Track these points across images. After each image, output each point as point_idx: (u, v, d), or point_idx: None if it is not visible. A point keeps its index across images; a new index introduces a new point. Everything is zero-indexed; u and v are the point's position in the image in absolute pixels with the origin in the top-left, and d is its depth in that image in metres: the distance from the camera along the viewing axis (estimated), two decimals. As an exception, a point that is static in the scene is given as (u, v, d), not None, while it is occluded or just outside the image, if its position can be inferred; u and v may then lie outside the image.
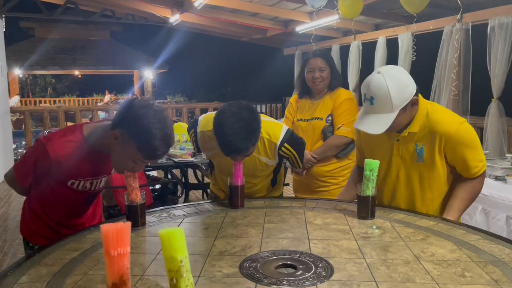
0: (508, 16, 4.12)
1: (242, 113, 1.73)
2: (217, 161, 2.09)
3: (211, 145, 1.96)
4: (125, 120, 1.50)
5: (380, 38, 6.18)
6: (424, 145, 1.72)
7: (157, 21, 9.49)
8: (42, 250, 1.38)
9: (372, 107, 1.62)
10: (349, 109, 2.53)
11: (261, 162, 2.01)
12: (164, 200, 3.73)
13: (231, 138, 1.69)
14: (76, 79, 23.08)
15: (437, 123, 1.69)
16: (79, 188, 1.65)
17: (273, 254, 1.33)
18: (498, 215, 2.59)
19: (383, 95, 1.59)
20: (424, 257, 1.30)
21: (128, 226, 0.84)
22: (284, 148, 1.96)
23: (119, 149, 1.52)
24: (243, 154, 1.76)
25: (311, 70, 2.57)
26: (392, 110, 1.61)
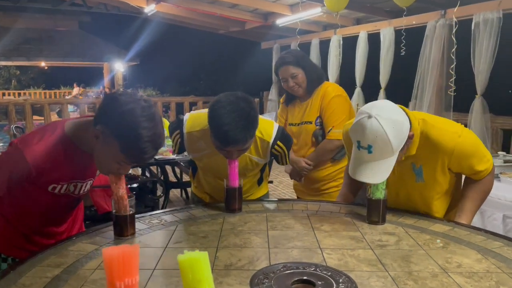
0: (493, 11, 4.11)
1: (239, 103, 1.60)
2: (204, 163, 1.93)
3: (199, 146, 1.82)
4: (108, 117, 1.31)
5: (361, 33, 6.11)
6: (423, 165, 1.61)
7: (130, 11, 9.15)
8: (18, 266, 1.19)
9: (371, 156, 1.45)
10: (338, 108, 2.33)
11: (252, 162, 1.87)
12: (143, 200, 3.53)
13: (228, 128, 1.55)
14: (42, 70, 22.21)
15: (436, 142, 1.55)
16: (61, 192, 1.45)
17: (285, 267, 1.19)
18: (494, 214, 2.54)
19: (382, 142, 1.42)
20: (451, 269, 1.18)
21: (136, 250, 0.68)
22: (277, 146, 1.84)
23: (101, 149, 1.34)
24: (241, 146, 1.62)
25: (284, 80, 2.37)
26: (393, 153, 1.46)
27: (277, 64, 2.42)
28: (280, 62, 2.39)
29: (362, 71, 6.22)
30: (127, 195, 1.42)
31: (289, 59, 2.36)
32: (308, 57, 2.49)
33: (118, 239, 1.39)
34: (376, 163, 1.47)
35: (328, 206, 1.77)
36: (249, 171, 1.92)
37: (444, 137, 1.56)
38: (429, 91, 4.79)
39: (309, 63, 2.42)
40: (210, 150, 1.77)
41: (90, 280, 1.12)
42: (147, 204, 3.50)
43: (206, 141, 1.76)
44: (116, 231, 1.40)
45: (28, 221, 1.51)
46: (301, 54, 2.44)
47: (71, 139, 1.39)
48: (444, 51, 4.69)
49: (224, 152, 1.67)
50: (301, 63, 2.35)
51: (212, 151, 1.75)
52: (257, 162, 1.88)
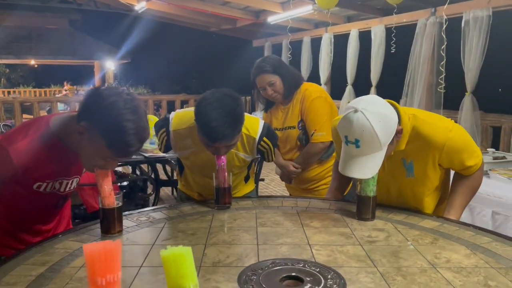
0: (482, 9, 4.13)
1: (225, 100, 1.60)
2: (191, 161, 1.91)
3: (186, 143, 1.81)
4: (91, 112, 1.29)
5: (352, 31, 6.12)
6: (413, 160, 1.60)
7: (121, 8, 9.08)
8: (2, 265, 1.17)
9: (358, 150, 1.44)
10: (319, 111, 2.31)
11: (239, 158, 1.87)
12: (133, 198, 3.50)
13: (216, 124, 1.56)
14: (32, 68, 21.97)
15: (427, 137, 1.54)
16: (46, 190, 1.42)
17: (274, 264, 1.18)
18: (483, 211, 2.56)
19: (369, 136, 1.40)
20: (440, 264, 1.18)
21: (118, 245, 0.66)
22: (263, 142, 1.85)
23: (86, 146, 1.31)
24: (228, 141, 1.62)
25: (262, 89, 2.34)
26: (381, 148, 1.44)
27: (254, 73, 2.36)
28: (257, 71, 2.34)
29: (353, 69, 6.23)
30: (114, 191, 1.40)
31: (265, 67, 2.31)
32: (284, 62, 2.46)
33: (105, 236, 1.37)
34: (364, 158, 1.46)
35: (318, 203, 1.77)
36: (236, 168, 1.91)
37: (435, 132, 1.55)
38: (419, 88, 4.81)
39: (285, 69, 2.37)
40: (197, 147, 1.76)
41: (75, 278, 1.10)
42: (138, 202, 3.47)
43: (193, 139, 1.75)
44: (103, 229, 1.38)
45: (14, 219, 1.49)
46: (277, 61, 2.38)
47: (56, 136, 1.37)
48: (434, 49, 4.71)
49: (212, 148, 1.65)
50: (277, 71, 2.31)
51: (199, 148, 1.74)
52: (244, 159, 1.88)
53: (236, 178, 1.98)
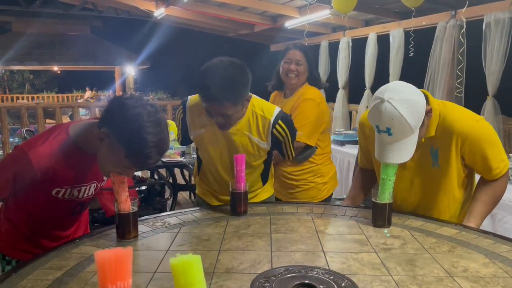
0: (504, 11, 4.04)
1: (229, 67, 1.64)
2: (206, 143, 1.87)
3: (202, 121, 1.82)
4: (114, 121, 1.30)
5: (370, 34, 6.07)
6: (439, 147, 1.59)
7: (140, 15, 9.22)
8: (20, 269, 1.20)
9: (391, 137, 1.47)
10: (306, 111, 2.32)
11: (253, 143, 1.82)
12: (151, 202, 3.54)
13: (209, 83, 1.60)
14: (55, 74, 22.50)
15: (452, 123, 1.56)
16: (65, 197, 1.45)
17: (287, 271, 1.17)
18: (505, 218, 2.49)
19: (399, 123, 1.43)
20: (457, 273, 1.16)
21: (129, 252, 0.67)
22: (278, 126, 1.80)
23: (105, 152, 1.33)
24: (217, 105, 1.63)
25: (287, 61, 2.40)
26: (413, 131, 1.47)
27: (289, 45, 2.48)
28: (293, 45, 2.47)
29: (372, 73, 6.17)
30: (130, 197, 1.41)
31: (302, 47, 2.46)
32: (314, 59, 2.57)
33: (120, 241, 1.39)
34: (398, 144, 1.48)
35: (333, 209, 1.76)
36: (252, 157, 1.84)
37: (461, 119, 1.57)
38: (439, 92, 4.72)
39: (313, 65, 2.49)
40: (212, 126, 1.77)
41: (91, 283, 1.12)
42: (155, 206, 3.51)
43: (208, 117, 1.76)
44: (118, 234, 1.40)
45: (33, 225, 1.52)
46: (311, 53, 2.51)
47: (75, 142, 1.40)
48: (454, 52, 4.63)
49: (209, 113, 1.69)
50: (309, 58, 2.43)
51: (212, 127, 1.77)
52: (258, 145, 1.82)
53: (252, 173, 1.91)
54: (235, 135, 1.80)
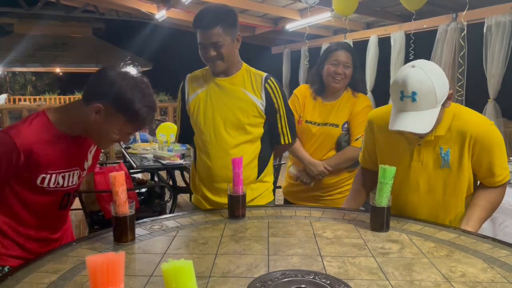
0: (505, 15, 4.04)
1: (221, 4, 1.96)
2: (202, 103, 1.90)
3: (198, 83, 1.93)
4: (107, 92, 1.37)
5: (372, 37, 6.07)
6: (451, 148, 1.58)
7: (142, 17, 9.24)
8: (16, 272, 1.19)
9: (414, 104, 1.42)
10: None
11: (248, 99, 1.85)
12: (151, 204, 3.54)
13: (202, 10, 1.80)
14: (57, 76, 22.53)
15: (467, 123, 1.55)
16: (50, 186, 1.43)
17: (284, 275, 1.17)
18: (505, 222, 2.48)
19: (427, 88, 1.41)
20: (454, 278, 1.15)
21: (121, 258, 0.67)
22: (270, 81, 1.89)
23: (102, 123, 1.40)
24: (208, 28, 1.74)
25: (334, 63, 2.27)
26: (436, 104, 1.43)
27: (334, 46, 2.34)
28: (338, 45, 2.35)
29: (373, 76, 6.17)
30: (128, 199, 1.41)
31: (349, 48, 2.35)
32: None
33: (117, 244, 1.39)
34: (417, 114, 1.43)
35: (332, 213, 1.75)
36: (246, 116, 1.85)
37: (476, 120, 1.57)
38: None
39: (359, 67, 2.37)
40: (205, 86, 1.90)
41: (87, 287, 1.11)
42: (155, 209, 3.50)
43: (205, 78, 1.92)
44: (115, 237, 1.40)
45: (22, 228, 1.49)
46: (356, 54, 2.39)
47: (54, 125, 1.42)
48: (455, 55, 4.62)
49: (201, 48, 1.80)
50: (355, 61, 2.33)
51: (207, 87, 1.90)
52: (253, 101, 1.85)
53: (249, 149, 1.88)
54: (229, 90, 1.86)
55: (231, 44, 1.81)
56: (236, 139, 1.87)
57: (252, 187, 1.92)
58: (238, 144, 1.87)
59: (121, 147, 4.64)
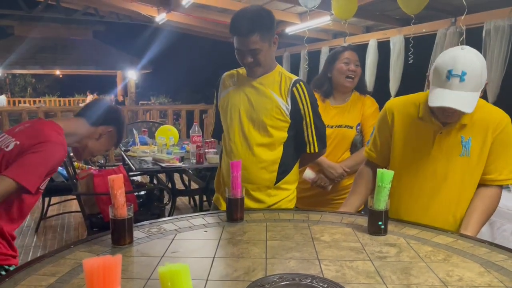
0: (503, 19, 4.05)
1: (255, 7, 1.85)
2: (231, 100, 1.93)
3: (230, 82, 1.98)
4: (112, 120, 1.82)
5: (371, 41, 6.08)
6: (472, 137, 1.59)
7: (142, 20, 9.26)
8: (14, 274, 1.19)
9: (461, 84, 1.43)
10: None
11: (273, 101, 1.85)
12: (149, 207, 3.54)
13: (236, 16, 1.79)
14: (57, 79, 22.57)
15: (490, 111, 1.59)
16: (42, 188, 1.62)
17: (281, 278, 1.17)
18: (504, 226, 2.49)
19: (476, 70, 1.44)
20: (451, 282, 1.15)
21: (118, 261, 0.67)
22: (299, 85, 1.86)
23: (102, 143, 1.81)
24: (244, 34, 1.74)
25: (346, 62, 2.30)
26: (479, 89, 1.47)
27: (341, 48, 2.40)
28: (348, 47, 2.41)
29: (372, 79, 6.18)
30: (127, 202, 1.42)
31: (357, 49, 2.41)
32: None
33: (115, 247, 1.39)
34: (464, 93, 1.44)
35: (330, 216, 1.75)
36: (269, 118, 1.84)
37: (498, 111, 1.61)
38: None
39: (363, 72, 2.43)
40: (237, 84, 1.94)
41: (84, 290, 1.11)
42: (154, 211, 3.50)
43: (238, 77, 1.96)
44: (113, 239, 1.40)
45: (12, 228, 1.62)
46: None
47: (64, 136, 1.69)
48: (454, 59, 4.63)
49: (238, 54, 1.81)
50: (361, 63, 2.38)
51: (238, 85, 1.93)
52: (278, 103, 1.84)
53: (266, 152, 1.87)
54: (258, 90, 1.87)
55: (268, 49, 1.82)
56: (257, 139, 1.87)
57: (270, 193, 1.92)
58: (259, 144, 1.87)
59: (121, 150, 4.64)
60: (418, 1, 3.36)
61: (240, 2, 6.16)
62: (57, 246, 3.82)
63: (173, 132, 4.57)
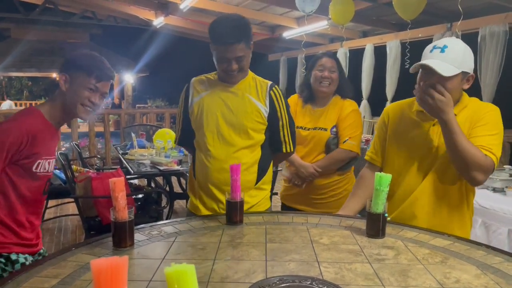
0: (499, 25, 4.10)
1: (233, 16, 1.86)
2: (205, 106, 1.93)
3: (201, 87, 1.97)
4: (68, 64, 1.69)
5: (367, 45, 6.13)
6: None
7: (139, 23, 9.28)
8: (16, 276, 1.20)
9: (441, 55, 1.58)
10: (356, 122, 2.42)
11: (252, 104, 1.90)
12: (147, 210, 3.54)
13: (218, 25, 1.81)
14: (54, 81, 22.49)
15: (480, 105, 1.69)
16: (41, 171, 1.64)
17: (281, 280, 1.18)
18: (499, 229, 2.51)
19: (457, 48, 1.58)
20: (448, 284, 1.17)
21: (125, 262, 0.68)
22: (275, 89, 1.95)
23: (72, 87, 1.65)
24: (230, 41, 1.76)
25: (320, 69, 2.42)
26: (459, 67, 1.57)
27: (319, 55, 2.52)
28: (325, 54, 2.52)
29: (369, 83, 6.22)
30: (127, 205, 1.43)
31: (333, 55, 2.52)
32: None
33: (116, 249, 1.40)
34: (443, 62, 1.56)
35: (328, 219, 1.77)
36: (249, 121, 1.90)
37: (488, 104, 1.72)
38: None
39: (344, 73, 2.54)
40: (210, 90, 1.94)
41: (86, 291, 1.12)
42: (152, 215, 3.51)
43: (209, 82, 1.96)
44: (114, 242, 1.41)
45: (16, 215, 1.63)
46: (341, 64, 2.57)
47: (44, 117, 1.66)
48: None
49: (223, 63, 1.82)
50: (340, 67, 2.48)
51: (212, 90, 1.93)
52: (257, 106, 1.91)
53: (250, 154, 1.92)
54: (235, 95, 1.90)
55: (249, 55, 1.88)
56: (239, 142, 1.90)
57: (251, 194, 1.95)
58: (240, 148, 1.91)
59: (118, 153, 4.64)
60: (415, 7, 3.39)
61: (237, 7, 6.19)
62: (55, 249, 3.81)
63: (171, 135, 4.58)
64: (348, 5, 4.16)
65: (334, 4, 4.22)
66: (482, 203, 2.57)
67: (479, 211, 2.32)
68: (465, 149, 1.56)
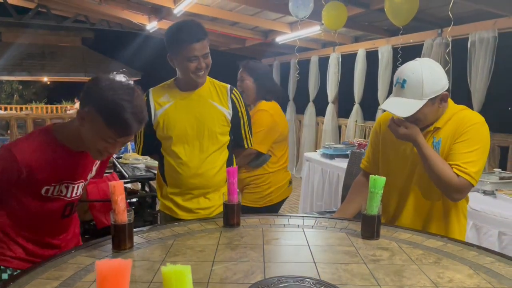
0: (488, 31, 4.18)
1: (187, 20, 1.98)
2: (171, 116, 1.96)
3: (164, 99, 1.99)
4: (91, 96, 1.36)
5: (359, 51, 6.19)
6: (443, 138, 1.67)
7: (132, 28, 9.27)
8: (18, 278, 1.22)
9: (402, 90, 1.60)
10: (258, 120, 2.48)
11: (216, 110, 1.98)
12: (142, 214, 3.54)
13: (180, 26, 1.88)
14: (45, 85, 22.35)
15: (464, 116, 1.66)
16: (54, 195, 1.49)
17: (280, 281, 1.21)
18: (490, 231, 2.55)
19: (416, 79, 1.58)
20: (442, 284, 1.21)
21: (129, 264, 0.70)
22: (235, 92, 2.04)
23: (88, 129, 1.38)
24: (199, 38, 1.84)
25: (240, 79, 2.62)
26: (422, 97, 1.58)
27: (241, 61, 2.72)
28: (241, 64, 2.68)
29: (361, 88, 6.28)
30: (126, 208, 1.45)
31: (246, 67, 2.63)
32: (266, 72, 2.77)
33: (116, 252, 1.42)
34: (404, 100, 1.60)
35: (324, 222, 1.80)
36: (217, 125, 1.98)
37: (472, 114, 1.68)
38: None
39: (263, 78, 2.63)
40: (173, 101, 1.98)
41: (88, 293, 1.14)
42: (146, 218, 3.51)
43: (170, 93, 2.00)
44: (114, 244, 1.43)
45: (23, 231, 1.54)
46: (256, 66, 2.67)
47: (58, 139, 1.47)
48: (441, 69, 4.75)
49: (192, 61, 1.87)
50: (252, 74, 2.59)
51: (175, 101, 1.97)
52: (221, 111, 1.99)
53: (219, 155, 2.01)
54: (198, 103, 1.96)
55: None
56: (209, 148, 1.98)
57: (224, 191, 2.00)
58: (210, 152, 1.98)
59: (113, 157, 4.64)
60: (407, 13, 3.45)
61: (231, 12, 6.23)
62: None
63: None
64: (341, 11, 4.22)
65: (327, 10, 4.27)
66: (473, 206, 2.62)
67: (470, 214, 2.36)
68: (438, 171, 1.62)
